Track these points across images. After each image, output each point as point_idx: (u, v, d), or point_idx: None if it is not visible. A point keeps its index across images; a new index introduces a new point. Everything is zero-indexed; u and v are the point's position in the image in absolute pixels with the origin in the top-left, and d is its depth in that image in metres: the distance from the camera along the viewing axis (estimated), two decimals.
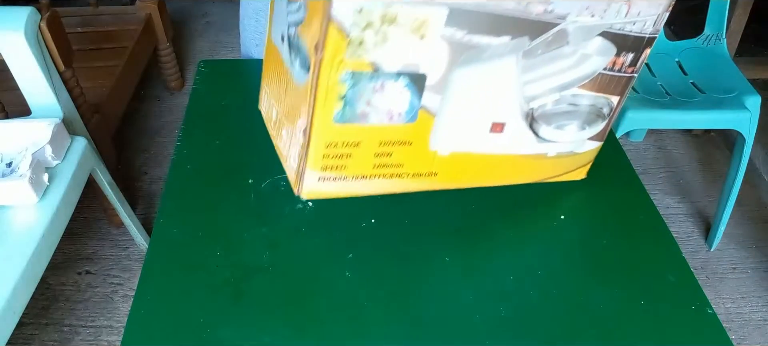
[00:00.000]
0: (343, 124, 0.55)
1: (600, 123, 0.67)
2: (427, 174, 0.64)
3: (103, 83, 1.52)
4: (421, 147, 0.61)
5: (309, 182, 0.59)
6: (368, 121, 0.56)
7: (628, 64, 0.63)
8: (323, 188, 0.60)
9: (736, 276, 1.53)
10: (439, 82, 0.56)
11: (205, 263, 0.63)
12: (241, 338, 0.57)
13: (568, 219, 0.70)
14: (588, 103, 0.65)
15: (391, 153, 0.60)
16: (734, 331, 1.40)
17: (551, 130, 0.65)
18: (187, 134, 0.79)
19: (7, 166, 1.05)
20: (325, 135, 0.56)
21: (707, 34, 1.58)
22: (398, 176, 0.63)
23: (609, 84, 0.64)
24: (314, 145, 0.56)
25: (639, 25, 0.59)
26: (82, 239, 1.55)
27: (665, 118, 1.42)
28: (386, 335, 0.58)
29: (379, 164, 0.61)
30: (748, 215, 1.68)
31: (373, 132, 0.57)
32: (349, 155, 0.58)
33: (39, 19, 1.12)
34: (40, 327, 1.36)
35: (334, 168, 0.59)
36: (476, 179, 0.68)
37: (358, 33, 0.50)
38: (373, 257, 0.65)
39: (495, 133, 0.63)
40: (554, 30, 0.57)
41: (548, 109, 0.64)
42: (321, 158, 0.57)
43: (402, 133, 0.59)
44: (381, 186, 0.63)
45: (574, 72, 0.61)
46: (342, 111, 0.54)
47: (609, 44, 0.60)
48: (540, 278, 0.63)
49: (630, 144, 1.92)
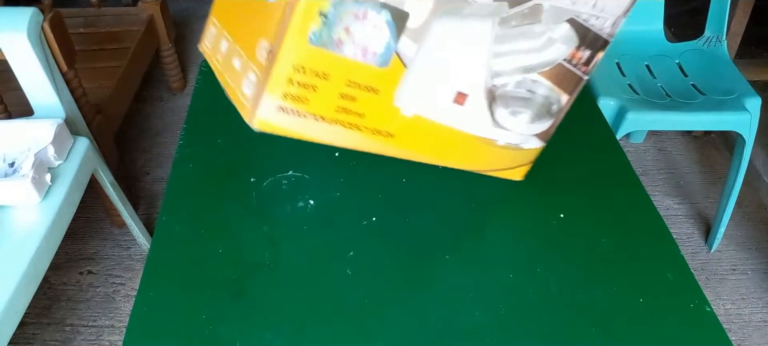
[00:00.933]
0: (317, 47, 0.53)
1: (548, 120, 0.69)
2: (384, 133, 0.63)
3: (106, 84, 1.53)
4: (386, 99, 0.60)
5: (265, 109, 0.56)
6: (342, 51, 0.55)
7: (583, 61, 0.64)
8: (279, 122, 0.57)
9: (736, 277, 1.53)
10: (418, 28, 0.56)
11: (207, 261, 0.64)
12: (242, 336, 0.57)
13: (568, 218, 0.70)
14: (543, 94, 0.66)
15: (356, 98, 0.59)
16: (734, 332, 1.41)
17: (506, 114, 0.66)
18: (190, 133, 0.80)
19: (10, 166, 1.06)
20: (295, 55, 0.53)
21: (707, 36, 1.58)
22: (357, 128, 0.61)
23: (564, 78, 0.65)
24: (281, 66, 0.53)
25: (601, 20, 0.62)
26: (84, 239, 1.55)
27: (665, 120, 1.42)
28: (387, 332, 0.58)
29: (342, 108, 0.59)
30: (748, 216, 1.68)
31: (343, 66, 0.56)
32: (314, 87, 0.56)
33: (42, 19, 1.13)
34: (42, 327, 1.36)
35: (296, 99, 0.56)
36: (428, 153, 0.68)
37: None
38: (374, 255, 0.65)
39: (457, 104, 0.63)
40: (531, 3, 0.58)
41: (509, 89, 0.65)
42: (285, 83, 0.55)
43: (371, 77, 0.58)
44: (337, 135, 0.61)
45: (539, 55, 0.63)
46: (320, 31, 0.53)
47: (573, 34, 0.62)
48: (540, 277, 0.63)
49: (630, 145, 1.92)
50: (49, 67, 1.15)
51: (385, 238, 0.67)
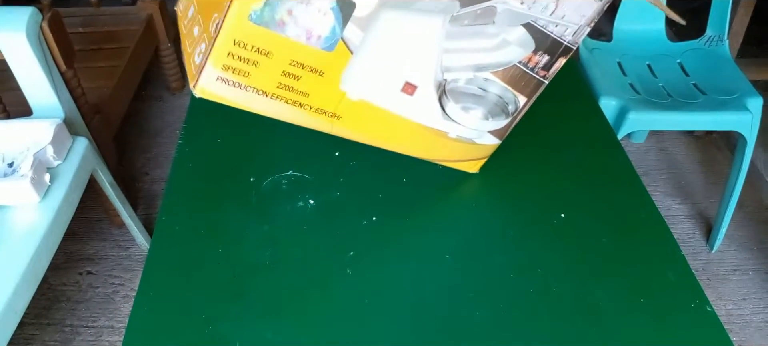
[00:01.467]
0: (258, 25, 0.53)
1: (503, 119, 0.68)
2: (329, 114, 0.62)
3: (105, 84, 1.52)
4: (331, 82, 0.59)
5: (206, 78, 0.56)
6: (284, 31, 0.54)
7: (541, 66, 0.63)
8: (219, 91, 0.57)
9: (737, 278, 1.53)
10: (366, 17, 0.55)
11: (206, 261, 0.64)
12: (242, 336, 0.57)
13: (568, 218, 0.70)
14: (496, 93, 0.65)
15: (300, 77, 0.58)
16: (735, 333, 1.40)
17: (457, 109, 0.65)
18: (189, 133, 0.79)
19: (9, 167, 1.05)
20: (235, 31, 0.53)
21: (709, 35, 1.58)
22: (300, 106, 0.60)
23: (520, 80, 0.64)
24: (221, 40, 0.53)
25: (561, 28, 0.60)
26: (84, 240, 1.55)
27: (667, 120, 1.42)
28: (387, 332, 0.58)
29: (284, 85, 0.58)
30: (750, 216, 1.68)
31: (286, 46, 0.55)
32: (255, 63, 0.55)
33: (40, 19, 1.12)
34: (42, 327, 1.36)
35: (236, 72, 0.56)
36: (375, 137, 0.67)
37: None
38: (374, 254, 0.65)
39: (405, 94, 0.62)
40: (484, 4, 0.57)
41: (459, 86, 0.64)
42: (225, 56, 0.54)
43: (315, 59, 0.57)
44: (279, 110, 0.60)
45: (492, 56, 0.62)
46: (261, 10, 0.52)
47: (529, 39, 0.61)
48: (540, 277, 0.63)
49: (631, 145, 1.92)
50: (48, 66, 1.15)
51: (385, 238, 0.67)
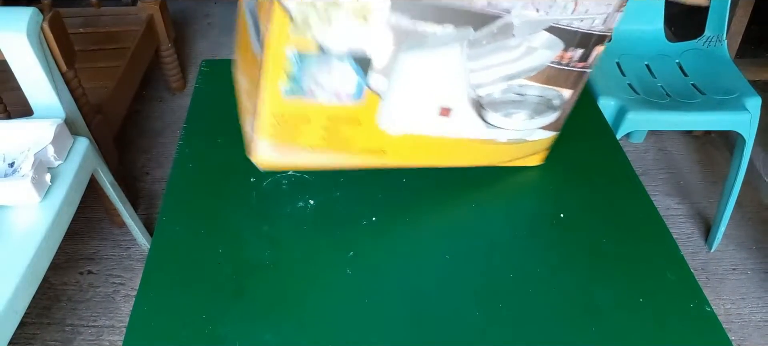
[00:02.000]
0: (291, 98, 0.57)
1: (551, 114, 0.68)
2: (376, 151, 0.64)
3: (105, 84, 1.53)
4: (370, 125, 0.61)
5: (260, 151, 0.60)
6: (316, 98, 0.57)
7: (577, 59, 0.63)
8: (274, 159, 0.61)
9: (736, 277, 1.53)
10: (385, 66, 0.57)
11: (206, 261, 0.64)
12: (242, 335, 0.57)
13: (568, 218, 0.70)
14: (536, 95, 0.65)
15: (340, 129, 0.61)
16: (734, 332, 1.40)
17: (499, 117, 0.66)
18: (189, 133, 0.79)
19: (10, 167, 1.05)
20: (272, 107, 0.57)
21: (708, 35, 1.58)
22: (348, 152, 0.63)
23: (558, 77, 0.64)
24: (262, 116, 0.57)
25: (587, 22, 0.60)
26: (84, 239, 1.55)
27: (665, 120, 1.42)
28: (387, 332, 0.58)
29: (329, 139, 0.61)
30: (748, 216, 1.68)
31: (321, 109, 0.58)
32: (297, 128, 0.59)
33: (41, 19, 1.13)
34: (42, 327, 1.36)
35: (283, 139, 0.60)
36: (428, 160, 0.69)
37: (301, 11, 0.52)
38: (374, 255, 0.65)
39: (443, 117, 0.64)
40: (499, 22, 0.57)
41: (496, 97, 0.64)
42: (269, 129, 0.59)
43: (350, 112, 0.60)
44: (331, 160, 0.63)
45: (520, 63, 0.62)
46: (290, 86, 0.56)
47: (556, 39, 0.61)
48: (540, 277, 0.63)
49: (630, 145, 1.92)
50: (49, 67, 1.15)
51: (385, 238, 0.67)
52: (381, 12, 0.53)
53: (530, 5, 0.57)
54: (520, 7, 0.57)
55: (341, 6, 0.52)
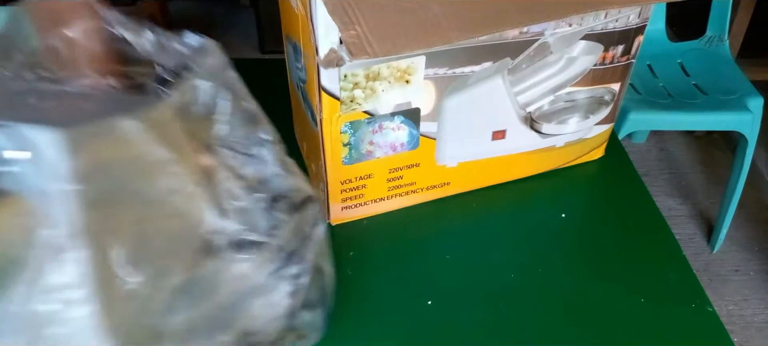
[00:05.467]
0: (351, 164, 0.61)
1: (604, 109, 0.69)
2: (440, 185, 0.68)
3: None
4: (429, 165, 0.65)
5: (334, 214, 0.65)
6: (374, 156, 0.62)
7: (620, 54, 0.64)
8: (347, 215, 0.66)
9: (738, 278, 1.53)
10: (432, 111, 0.60)
11: None
12: None
13: (569, 218, 0.70)
14: (585, 97, 0.66)
15: (402, 175, 0.65)
16: (736, 333, 1.40)
17: (553, 126, 0.67)
18: None
19: None
20: (337, 175, 0.62)
21: (709, 35, 1.58)
22: (413, 192, 0.67)
23: (604, 75, 0.65)
24: (330, 184, 0.62)
25: (622, 20, 0.61)
26: None
27: (667, 120, 1.42)
28: (386, 332, 0.58)
29: (394, 186, 0.65)
30: (751, 217, 1.68)
31: (381, 163, 0.63)
32: (363, 186, 0.64)
33: None
34: None
35: (353, 198, 0.65)
36: (490, 179, 0.71)
37: (348, 93, 0.55)
38: (374, 254, 0.65)
39: (498, 139, 0.66)
40: (534, 45, 0.59)
41: (546, 109, 0.65)
42: (339, 193, 0.63)
43: (409, 159, 0.63)
44: (399, 203, 0.67)
45: (564, 74, 0.63)
46: (349, 155, 0.60)
47: (595, 44, 0.61)
48: (541, 277, 0.63)
49: (632, 146, 1.91)
50: None
51: (385, 238, 0.67)
52: (419, 70, 0.56)
53: (562, 23, 0.58)
54: (553, 27, 0.58)
55: (382, 77, 0.55)
